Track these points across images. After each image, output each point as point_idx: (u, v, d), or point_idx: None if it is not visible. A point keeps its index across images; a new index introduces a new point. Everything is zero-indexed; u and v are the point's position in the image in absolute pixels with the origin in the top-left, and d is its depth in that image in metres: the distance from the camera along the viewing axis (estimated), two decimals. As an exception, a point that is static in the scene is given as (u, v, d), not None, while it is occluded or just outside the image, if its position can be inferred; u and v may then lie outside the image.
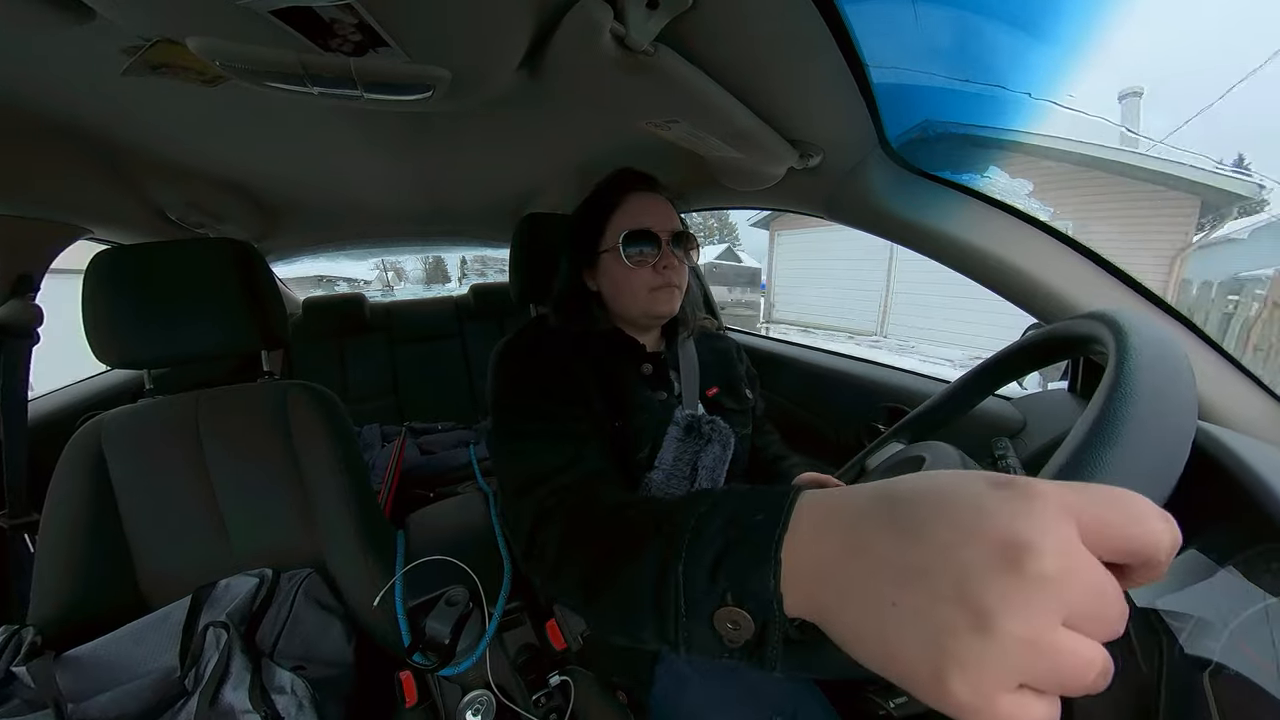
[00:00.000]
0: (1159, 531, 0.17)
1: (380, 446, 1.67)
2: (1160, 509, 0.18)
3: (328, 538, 0.81)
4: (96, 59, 0.50)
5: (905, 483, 0.22)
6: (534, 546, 0.47)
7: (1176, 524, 0.18)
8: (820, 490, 0.26)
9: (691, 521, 0.29)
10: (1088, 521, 0.17)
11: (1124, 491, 0.18)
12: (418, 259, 7.73)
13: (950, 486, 0.20)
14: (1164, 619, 0.35)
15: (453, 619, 0.63)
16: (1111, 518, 0.17)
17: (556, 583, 0.44)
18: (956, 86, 0.54)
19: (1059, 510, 0.17)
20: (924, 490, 0.21)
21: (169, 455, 0.78)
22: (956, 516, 0.19)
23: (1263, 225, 4.96)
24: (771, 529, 0.25)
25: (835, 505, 0.24)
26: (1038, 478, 0.20)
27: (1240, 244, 4.97)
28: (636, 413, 0.66)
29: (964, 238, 0.68)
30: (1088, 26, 0.48)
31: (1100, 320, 0.36)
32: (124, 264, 0.74)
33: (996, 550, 0.17)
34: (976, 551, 0.17)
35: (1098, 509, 0.17)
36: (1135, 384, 0.27)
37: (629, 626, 0.32)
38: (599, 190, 0.70)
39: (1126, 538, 0.17)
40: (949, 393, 0.61)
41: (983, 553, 0.17)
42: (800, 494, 0.26)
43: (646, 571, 0.30)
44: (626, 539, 0.34)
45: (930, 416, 0.61)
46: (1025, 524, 0.17)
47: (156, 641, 0.64)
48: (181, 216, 1.08)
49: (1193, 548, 0.35)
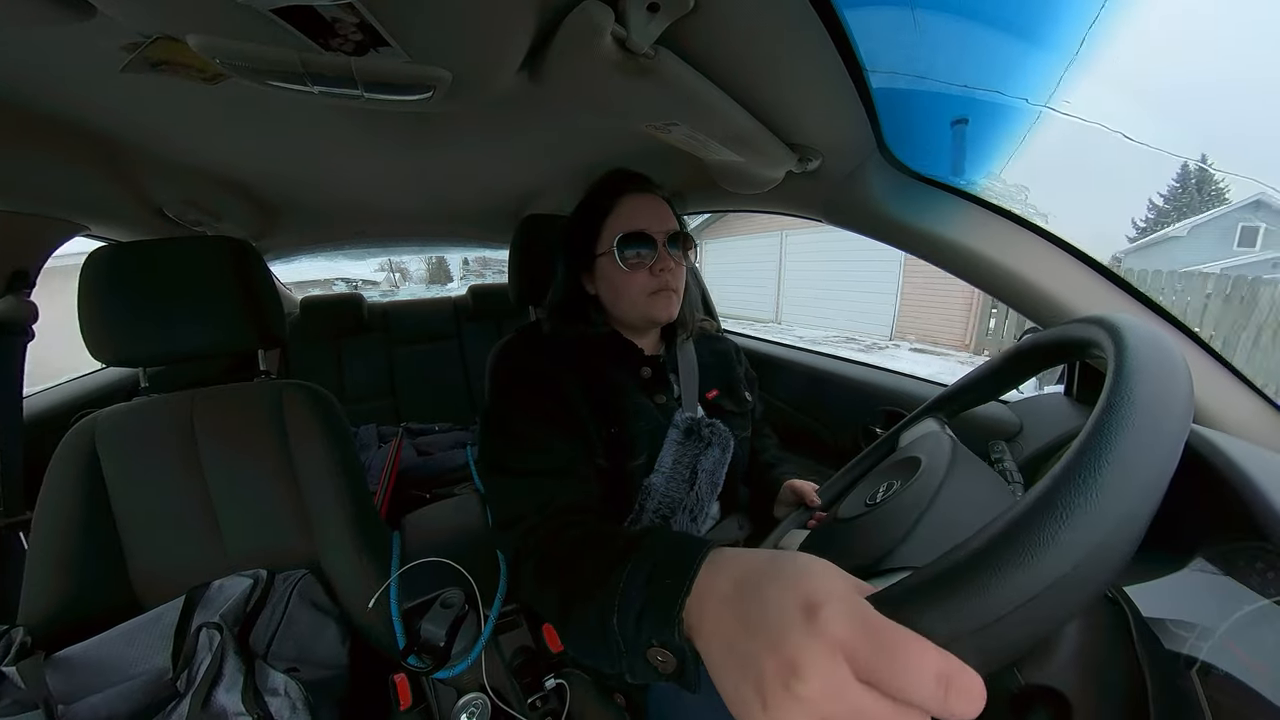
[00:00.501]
0: (923, 687, 0.21)
1: (377, 447, 1.66)
2: (941, 665, 0.21)
3: (323, 538, 0.80)
4: (96, 56, 0.50)
5: (762, 576, 0.28)
6: (515, 578, 0.56)
7: (956, 681, 0.21)
8: (724, 552, 0.32)
9: (620, 584, 0.36)
10: (859, 663, 0.22)
11: (906, 643, 0.21)
12: (421, 259, 7.82)
13: (775, 601, 0.25)
14: (1131, 613, 0.35)
15: (448, 621, 0.63)
16: (879, 664, 0.21)
17: (539, 610, 0.54)
18: (955, 91, 0.54)
19: (832, 650, 0.22)
20: (762, 598, 0.26)
21: (163, 454, 0.77)
22: (768, 629, 0.24)
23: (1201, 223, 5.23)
24: (676, 593, 0.31)
25: (722, 575, 0.31)
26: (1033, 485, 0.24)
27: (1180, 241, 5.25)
28: (632, 420, 0.66)
29: (962, 242, 0.68)
30: (1086, 32, 0.48)
31: (1099, 325, 0.36)
32: (121, 261, 0.74)
33: (782, 665, 0.23)
34: (769, 661, 0.23)
35: (869, 656, 0.22)
36: (1134, 394, 0.27)
37: (593, 656, 0.39)
38: (593, 193, 0.69)
39: (893, 687, 0.21)
40: (946, 395, 0.61)
41: (773, 663, 0.23)
42: (704, 560, 0.32)
43: (593, 620, 0.38)
44: (581, 587, 0.42)
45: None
46: (804, 656, 0.22)
47: (148, 642, 0.63)
48: (179, 214, 1.08)
49: (1196, 552, 0.35)
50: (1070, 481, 0.24)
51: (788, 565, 0.27)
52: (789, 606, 0.24)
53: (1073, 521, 0.23)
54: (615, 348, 0.71)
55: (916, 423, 0.58)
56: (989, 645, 0.23)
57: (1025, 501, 0.24)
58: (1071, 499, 0.23)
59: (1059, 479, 0.24)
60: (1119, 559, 0.23)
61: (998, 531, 0.24)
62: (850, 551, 0.41)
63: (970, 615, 0.22)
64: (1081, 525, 0.23)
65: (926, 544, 0.36)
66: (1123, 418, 0.26)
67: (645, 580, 0.35)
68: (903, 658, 0.21)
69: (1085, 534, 0.22)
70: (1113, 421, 0.25)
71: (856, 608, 0.23)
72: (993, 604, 0.22)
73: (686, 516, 0.67)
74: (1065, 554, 0.22)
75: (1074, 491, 0.23)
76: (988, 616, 0.22)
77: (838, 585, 0.25)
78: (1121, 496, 0.23)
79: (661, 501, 0.66)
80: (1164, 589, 0.37)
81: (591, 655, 0.39)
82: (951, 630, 0.22)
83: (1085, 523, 0.23)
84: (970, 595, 0.22)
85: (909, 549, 0.36)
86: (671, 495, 0.66)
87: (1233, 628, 0.30)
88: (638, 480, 0.66)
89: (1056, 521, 0.23)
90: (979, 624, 0.22)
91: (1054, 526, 0.23)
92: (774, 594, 0.26)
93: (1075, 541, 0.22)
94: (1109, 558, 0.23)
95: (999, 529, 0.24)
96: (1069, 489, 0.24)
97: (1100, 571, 0.23)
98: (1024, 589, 0.22)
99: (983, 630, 0.22)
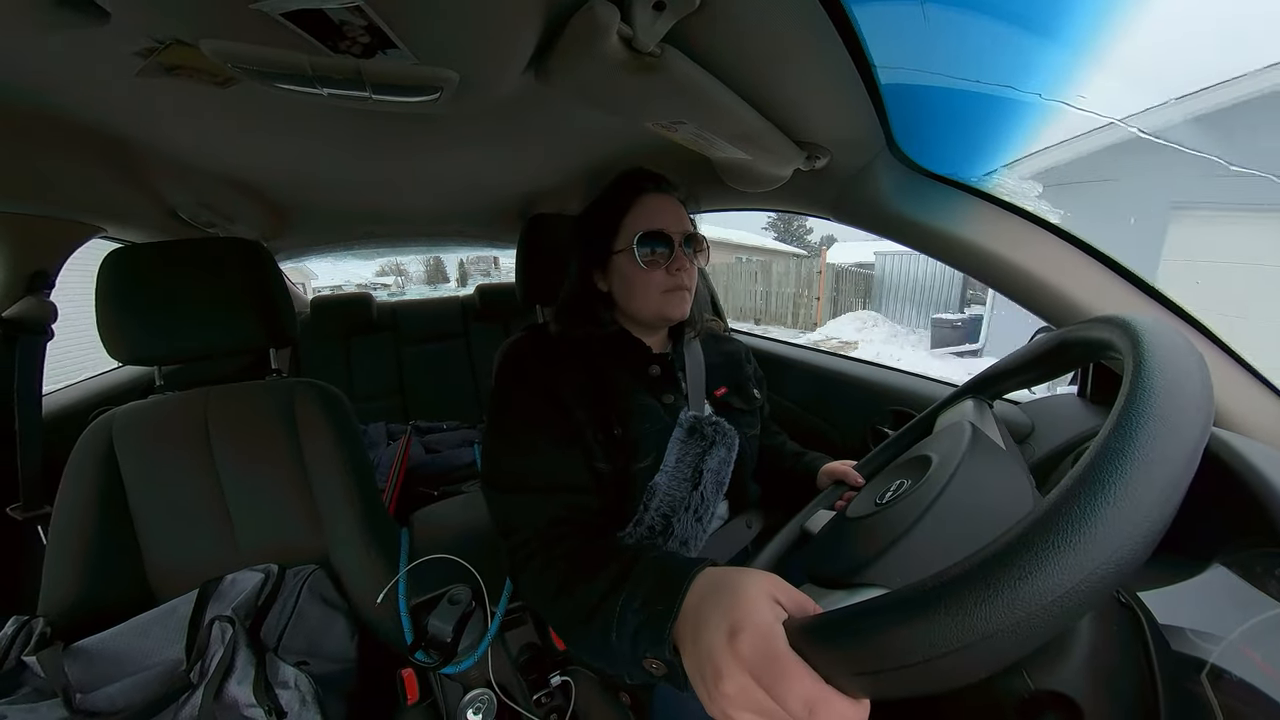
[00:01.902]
0: (791, 706, 0.27)
1: (386, 445, 1.68)
2: (810, 693, 0.27)
3: (332, 534, 0.81)
4: (111, 61, 0.51)
5: (713, 599, 0.36)
6: (517, 588, 0.61)
7: (821, 708, 0.26)
8: (702, 575, 0.39)
9: (618, 606, 0.43)
10: (758, 677, 0.29)
11: (786, 670, 0.28)
12: (420, 261, 8.07)
13: (712, 623, 0.33)
14: (1145, 618, 0.34)
15: (455, 617, 0.63)
16: (766, 682, 0.28)
17: (543, 616, 0.61)
18: (965, 87, 0.53)
19: (741, 665, 0.30)
20: (706, 619, 0.35)
21: (177, 451, 0.78)
22: (707, 644, 0.33)
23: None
24: (667, 617, 0.38)
25: (695, 594, 0.38)
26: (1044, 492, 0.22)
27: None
28: (638, 420, 0.66)
29: (973, 240, 0.67)
30: (1100, 26, 0.47)
31: (1116, 326, 0.35)
32: (136, 262, 0.76)
33: (713, 670, 0.32)
34: (706, 666, 0.33)
35: (761, 674, 0.29)
36: (1152, 398, 0.26)
37: (596, 661, 0.48)
38: (611, 190, 0.70)
39: (776, 699, 0.28)
40: (961, 393, 0.60)
41: (708, 668, 0.32)
42: (689, 590, 0.39)
43: (594, 638, 0.45)
44: (578, 612, 0.47)
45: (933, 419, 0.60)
46: (724, 666, 0.31)
47: (163, 635, 0.65)
48: (193, 216, 1.10)
49: (1213, 558, 0.35)
50: (1077, 502, 0.22)
51: (728, 594, 0.34)
52: (719, 629, 0.32)
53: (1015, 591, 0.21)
54: (623, 346, 0.71)
55: (956, 402, 0.57)
56: (873, 686, 0.25)
57: (980, 554, 0.23)
58: (1063, 534, 0.21)
59: (1060, 504, 0.23)
60: (1128, 569, 0.22)
61: (908, 592, 0.24)
62: (854, 552, 0.40)
63: (849, 661, 0.26)
64: (1061, 557, 0.21)
65: (896, 566, 0.37)
66: (1139, 424, 0.24)
67: (640, 605, 0.42)
68: (783, 682, 0.27)
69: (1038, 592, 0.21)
70: (1129, 427, 0.25)
71: (765, 636, 0.30)
72: (871, 656, 0.24)
73: (690, 516, 0.67)
74: (960, 630, 0.22)
75: (1067, 524, 0.22)
76: (865, 666, 0.25)
77: (759, 616, 0.31)
78: (1137, 502, 0.22)
79: (663, 501, 0.66)
80: (1179, 594, 0.36)
81: (596, 660, 0.47)
82: (829, 669, 0.27)
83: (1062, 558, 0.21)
84: (855, 644, 0.25)
85: (878, 569, 0.37)
86: (674, 494, 0.66)
87: (1250, 634, 0.29)
88: (643, 481, 0.66)
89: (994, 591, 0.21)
90: (858, 669, 0.25)
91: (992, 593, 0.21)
92: (714, 617, 0.34)
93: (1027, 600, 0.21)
94: (1108, 579, 0.21)
95: (918, 587, 0.24)
96: (1068, 520, 0.22)
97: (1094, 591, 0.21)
98: (912, 648, 0.23)
99: (863, 675, 0.25)
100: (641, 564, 0.45)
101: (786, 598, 0.33)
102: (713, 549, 0.72)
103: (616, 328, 0.71)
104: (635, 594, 0.43)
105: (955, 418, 0.54)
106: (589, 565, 0.50)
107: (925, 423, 0.60)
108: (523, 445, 0.62)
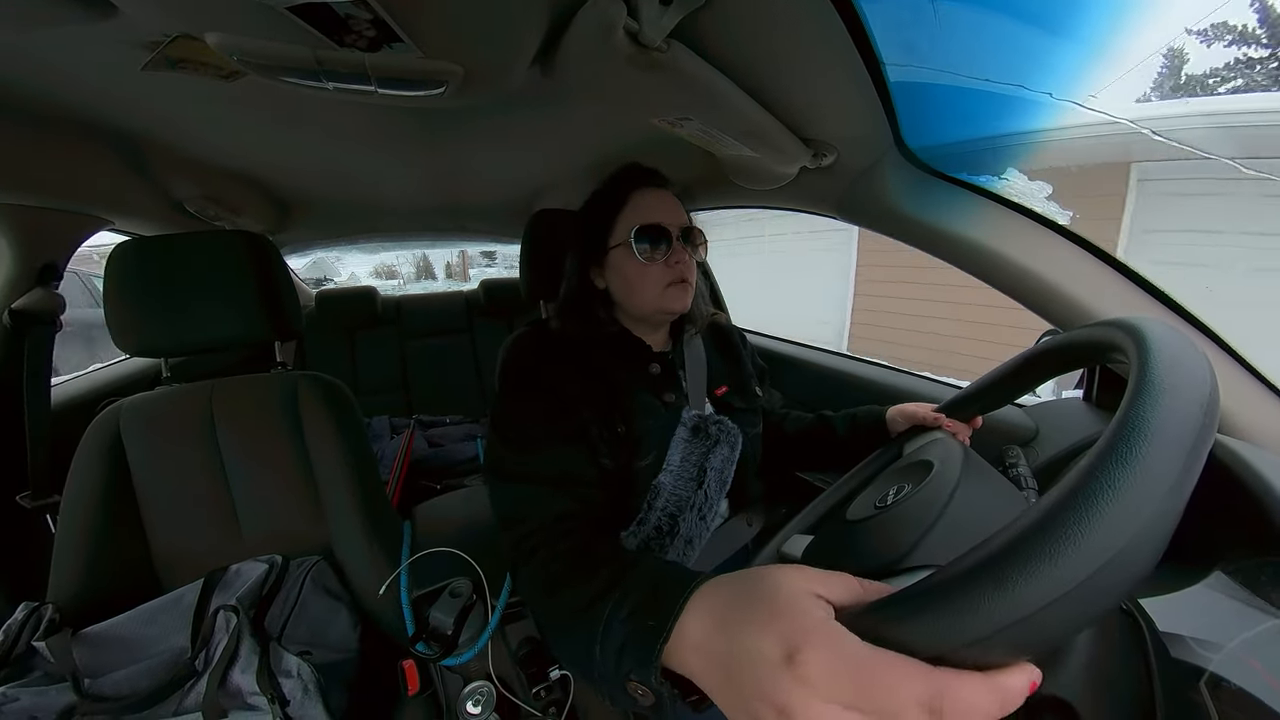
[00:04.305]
0: (908, 715, 0.21)
1: (389, 438, 1.69)
2: (924, 691, 0.21)
3: (335, 526, 0.82)
4: (119, 55, 0.51)
5: (742, 615, 0.28)
6: (516, 581, 0.57)
7: (948, 702, 0.21)
8: (704, 591, 0.32)
9: (605, 613, 0.38)
10: (845, 699, 0.23)
11: (885, 673, 0.22)
12: (410, 263, 8.35)
13: (755, 649, 0.26)
14: (1146, 625, 0.34)
15: (456, 610, 0.64)
16: (861, 701, 0.22)
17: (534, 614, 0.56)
18: (976, 86, 0.53)
19: (816, 693, 0.23)
20: (745, 646, 0.26)
21: (183, 442, 0.79)
22: (757, 680, 0.25)
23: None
24: (656, 637, 0.32)
25: (704, 617, 0.31)
26: (1049, 490, 0.23)
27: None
28: (640, 418, 0.66)
29: (980, 241, 0.66)
30: (1111, 24, 0.46)
31: (1122, 328, 0.35)
32: (143, 254, 0.76)
33: (776, 710, 0.24)
34: (763, 707, 0.24)
35: (852, 695, 0.22)
36: (1157, 402, 0.26)
37: (581, 676, 0.41)
38: (606, 185, 0.69)
39: (882, 716, 0.22)
40: (964, 396, 0.60)
41: (767, 709, 0.24)
42: (683, 609, 0.32)
43: (579, 647, 0.39)
44: (567, 614, 0.43)
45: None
46: (792, 701, 0.23)
47: (169, 622, 0.66)
48: (199, 209, 1.11)
49: (1215, 566, 0.34)
50: (1086, 491, 0.23)
51: (762, 606, 0.27)
52: (770, 654, 0.25)
53: (1079, 540, 0.21)
54: (623, 345, 0.71)
55: (924, 433, 0.57)
56: (983, 652, 0.21)
57: (1037, 509, 0.23)
58: (1087, 510, 0.22)
59: (1075, 486, 0.23)
60: (1137, 571, 0.22)
61: (998, 545, 0.23)
62: (861, 554, 0.40)
63: (955, 631, 0.21)
64: (1094, 538, 0.21)
65: (947, 542, 0.35)
66: (1144, 427, 0.24)
67: (626, 616, 0.36)
68: (883, 691, 0.21)
69: (1089, 554, 0.21)
70: (1133, 430, 0.24)
71: (833, 644, 0.24)
72: (980, 623, 0.21)
73: (695, 515, 0.67)
74: (1069, 571, 0.21)
75: (1090, 502, 0.22)
76: (980, 632, 0.21)
77: (811, 618, 0.25)
78: (1142, 507, 0.22)
79: (669, 500, 0.66)
80: (1179, 602, 0.36)
81: (581, 675, 0.41)
82: (934, 647, 0.21)
83: (1097, 537, 0.21)
84: (955, 612, 0.21)
85: (929, 546, 0.35)
86: (679, 494, 0.66)
87: (1251, 643, 0.29)
88: (646, 479, 0.66)
89: (1058, 539, 0.21)
90: (970, 639, 0.21)
91: (1056, 544, 0.21)
92: (753, 639, 0.26)
93: (1079, 560, 0.21)
94: (1125, 569, 0.22)
95: (1000, 542, 0.23)
96: (1083, 498, 0.22)
97: (1115, 583, 0.22)
98: (1025, 604, 0.21)
99: (977, 643, 0.21)
100: (638, 570, 0.40)
101: (825, 588, 0.27)
102: (713, 547, 0.73)
103: (617, 328, 0.71)
104: (623, 603, 0.37)
105: (930, 439, 0.54)
106: (588, 564, 0.47)
107: (894, 449, 0.60)
108: (528, 439, 0.62)
